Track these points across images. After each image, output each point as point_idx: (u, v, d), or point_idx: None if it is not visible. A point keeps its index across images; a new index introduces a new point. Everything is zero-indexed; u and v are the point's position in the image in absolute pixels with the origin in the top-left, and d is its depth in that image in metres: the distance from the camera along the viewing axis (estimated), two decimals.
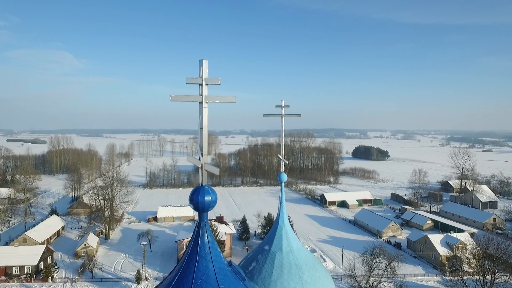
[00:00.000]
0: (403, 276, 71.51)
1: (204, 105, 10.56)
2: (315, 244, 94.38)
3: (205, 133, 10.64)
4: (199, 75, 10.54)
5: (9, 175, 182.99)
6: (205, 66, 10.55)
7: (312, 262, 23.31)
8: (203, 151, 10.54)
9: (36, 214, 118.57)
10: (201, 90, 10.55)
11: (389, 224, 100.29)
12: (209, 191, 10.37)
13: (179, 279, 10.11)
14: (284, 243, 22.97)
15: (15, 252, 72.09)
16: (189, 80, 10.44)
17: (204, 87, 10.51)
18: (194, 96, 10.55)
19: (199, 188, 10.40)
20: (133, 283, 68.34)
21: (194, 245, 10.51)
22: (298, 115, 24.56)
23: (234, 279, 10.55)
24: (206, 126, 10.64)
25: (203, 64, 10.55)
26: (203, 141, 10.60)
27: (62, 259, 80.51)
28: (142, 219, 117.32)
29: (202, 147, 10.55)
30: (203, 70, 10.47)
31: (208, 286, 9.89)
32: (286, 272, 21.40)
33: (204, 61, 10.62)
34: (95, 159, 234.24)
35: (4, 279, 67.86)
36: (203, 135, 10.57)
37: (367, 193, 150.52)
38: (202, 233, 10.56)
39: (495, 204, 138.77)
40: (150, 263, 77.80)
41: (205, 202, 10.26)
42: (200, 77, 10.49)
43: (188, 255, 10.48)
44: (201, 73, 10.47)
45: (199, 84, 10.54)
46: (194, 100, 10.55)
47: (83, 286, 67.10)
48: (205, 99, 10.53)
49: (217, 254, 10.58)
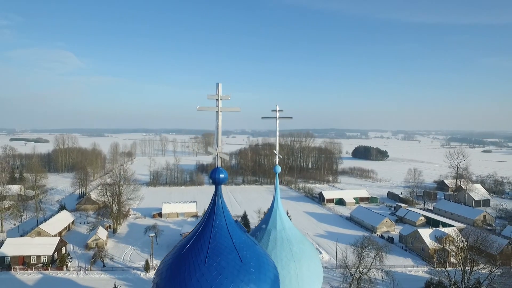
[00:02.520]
0: (394, 267, 76.84)
1: (219, 113, 15.70)
2: (312, 238, 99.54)
3: (220, 132, 15.77)
4: (215, 92, 15.68)
5: (17, 173, 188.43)
6: (220, 87, 15.69)
7: (300, 238, 28.67)
8: (218, 144, 15.67)
9: (46, 210, 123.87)
10: (217, 103, 15.69)
11: (383, 220, 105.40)
12: (222, 171, 15.52)
13: (203, 229, 15.27)
14: (278, 222, 28.24)
15: (31, 242, 77.44)
16: (210, 96, 15.58)
17: (219, 101, 15.65)
18: (214, 108, 15.70)
19: (216, 169, 15.54)
20: (141, 272, 73.62)
21: (212, 207, 15.68)
22: (289, 117, 29.85)
23: (239, 230, 15.70)
24: (220, 127, 15.78)
25: (219, 86, 15.69)
26: (219, 137, 15.73)
27: (74, 251, 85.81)
28: (147, 215, 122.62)
29: (218, 141, 15.68)
30: (219, 90, 15.62)
31: (222, 234, 15.04)
32: (279, 246, 26.70)
33: (219, 83, 15.77)
34: (99, 158, 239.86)
35: (23, 267, 73.14)
36: (218, 134, 15.70)
37: (364, 191, 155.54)
38: (218, 198, 15.72)
39: (487, 202, 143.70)
40: (156, 254, 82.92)
41: (220, 178, 15.42)
42: (216, 94, 15.63)
43: (208, 213, 15.63)
44: (217, 92, 15.61)
45: (215, 99, 15.68)
46: (213, 110, 15.69)
47: (95, 274, 72.35)
48: (220, 109, 15.67)
49: (227, 213, 15.73)
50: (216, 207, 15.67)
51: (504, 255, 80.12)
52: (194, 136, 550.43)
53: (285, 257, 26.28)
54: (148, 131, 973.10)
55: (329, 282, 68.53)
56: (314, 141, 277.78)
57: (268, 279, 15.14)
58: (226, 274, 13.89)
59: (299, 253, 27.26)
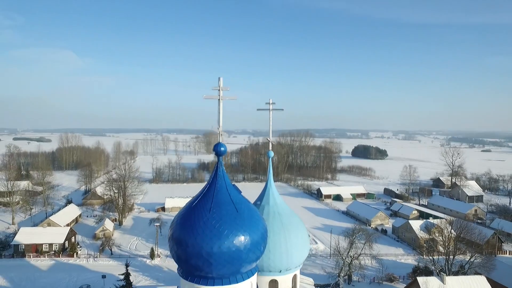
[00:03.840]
0: (385, 255, 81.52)
1: (220, 101, 20.30)
2: (309, 230, 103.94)
3: (221, 117, 20.37)
4: (217, 84, 20.30)
5: (24, 171, 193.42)
6: (221, 80, 20.30)
7: (289, 212, 33.50)
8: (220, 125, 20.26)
9: (53, 204, 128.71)
10: (219, 93, 20.28)
11: (377, 213, 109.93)
12: (223, 145, 20.11)
13: (208, 188, 19.87)
14: (271, 199, 33.05)
15: (44, 232, 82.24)
16: (213, 88, 20.19)
17: (221, 91, 20.25)
18: (216, 96, 20.31)
19: (218, 143, 20.15)
20: (147, 259, 78.32)
21: (215, 172, 20.29)
22: (281, 109, 34.57)
23: (235, 191, 20.33)
24: (221, 112, 20.38)
25: (220, 79, 20.31)
26: (220, 120, 20.31)
27: (83, 241, 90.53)
28: (151, 209, 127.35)
29: (220, 123, 20.26)
30: (220, 83, 20.23)
31: (222, 191, 19.64)
32: (271, 218, 31.47)
33: (220, 78, 20.38)
34: (103, 156, 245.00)
35: (36, 254, 77.89)
36: (220, 117, 20.29)
37: (360, 187, 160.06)
38: (219, 166, 20.32)
39: (480, 198, 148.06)
40: (161, 244, 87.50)
41: (221, 150, 20.03)
42: (218, 85, 20.25)
43: (212, 177, 20.24)
44: (219, 84, 20.22)
45: (218, 89, 20.28)
46: (216, 98, 20.27)
47: (104, 261, 77.08)
48: (221, 98, 20.28)
49: (226, 177, 20.33)
50: (218, 172, 20.33)
51: (490, 244, 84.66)
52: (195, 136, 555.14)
53: (276, 227, 31.12)
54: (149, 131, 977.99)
55: (324, 268, 73.08)
56: (313, 140, 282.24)
57: (258, 225, 19.81)
58: (225, 220, 18.55)
59: (288, 224, 32.12)
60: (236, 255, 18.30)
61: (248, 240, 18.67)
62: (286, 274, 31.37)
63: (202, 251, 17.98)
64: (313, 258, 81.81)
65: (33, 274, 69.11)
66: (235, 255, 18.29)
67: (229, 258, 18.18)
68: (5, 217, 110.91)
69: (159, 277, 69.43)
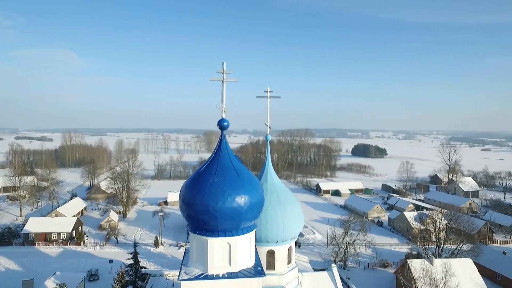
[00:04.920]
0: (381, 244, 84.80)
1: (224, 83, 23.60)
2: (308, 222, 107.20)
3: (224, 97, 23.66)
4: (221, 68, 23.63)
5: (28, 168, 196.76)
6: (224, 65, 23.61)
7: (286, 190, 36.93)
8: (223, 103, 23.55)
9: (58, 198, 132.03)
10: (223, 76, 23.58)
11: (374, 206, 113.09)
12: (226, 120, 23.44)
13: (213, 157, 23.20)
14: (269, 178, 36.45)
15: (52, 221, 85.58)
16: (218, 71, 23.51)
17: (224, 74, 23.56)
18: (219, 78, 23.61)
19: (221, 119, 23.47)
20: (152, 247, 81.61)
21: (219, 144, 23.59)
22: (278, 97, 37.94)
23: (237, 159, 23.65)
24: (225, 93, 23.67)
25: (223, 64, 23.63)
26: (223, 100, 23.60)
27: (89, 231, 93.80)
28: (153, 203, 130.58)
29: (223, 101, 23.55)
30: (224, 67, 23.54)
31: (225, 159, 22.94)
32: (269, 194, 34.85)
33: (224, 62, 23.70)
34: (105, 154, 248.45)
35: (45, 243, 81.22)
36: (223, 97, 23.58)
37: (359, 183, 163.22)
38: (223, 139, 23.63)
39: (476, 193, 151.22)
40: (164, 234, 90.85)
41: (224, 125, 23.38)
42: (222, 69, 23.57)
43: (217, 148, 23.54)
44: (223, 68, 23.55)
45: (221, 73, 23.59)
46: (219, 80, 23.57)
47: (110, 248, 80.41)
48: (224, 80, 23.60)
49: (229, 148, 23.64)
50: (222, 144, 23.70)
51: (482, 234, 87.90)
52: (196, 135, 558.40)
53: (273, 202, 34.59)
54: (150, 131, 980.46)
55: (322, 255, 76.38)
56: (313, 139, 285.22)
57: (256, 189, 23.17)
58: (228, 181, 21.92)
59: (284, 200, 35.61)
60: (237, 211, 21.65)
61: (247, 200, 22.00)
62: (282, 245, 34.86)
63: (209, 207, 21.33)
64: (311, 247, 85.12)
65: (43, 260, 72.44)
66: (236, 211, 21.64)
67: (231, 213, 21.53)
68: (13, 210, 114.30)
69: (163, 263, 72.73)
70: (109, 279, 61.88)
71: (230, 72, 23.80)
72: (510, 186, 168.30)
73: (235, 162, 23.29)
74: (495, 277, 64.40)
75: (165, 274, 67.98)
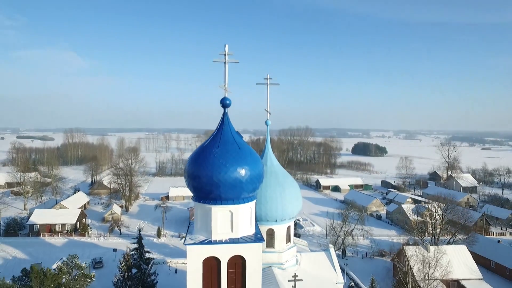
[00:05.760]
0: (379, 235, 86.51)
1: (226, 64, 25.31)
2: (308, 216, 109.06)
3: (226, 76, 25.35)
4: (223, 51, 25.33)
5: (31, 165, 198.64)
6: (227, 47, 25.32)
7: (285, 173, 38.72)
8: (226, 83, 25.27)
9: (62, 193, 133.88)
10: (225, 58, 25.29)
11: (373, 200, 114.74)
12: (228, 98, 25.15)
13: (217, 132, 24.91)
14: (268, 160, 38.14)
15: (56, 213, 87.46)
16: (220, 53, 25.19)
17: (226, 56, 25.26)
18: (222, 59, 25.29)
19: (224, 97, 25.17)
20: (154, 238, 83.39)
21: (222, 120, 25.31)
22: (277, 84, 39.60)
23: (238, 135, 25.35)
24: (227, 73, 25.38)
25: (226, 46, 25.34)
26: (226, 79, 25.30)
27: (93, 223, 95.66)
28: (155, 198, 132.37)
29: (225, 80, 25.25)
30: (226, 49, 25.25)
31: (228, 134, 24.65)
32: (269, 175, 36.58)
33: (226, 45, 25.41)
34: (107, 152, 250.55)
35: (50, 234, 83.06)
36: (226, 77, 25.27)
37: (358, 179, 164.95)
38: (225, 116, 25.34)
39: (474, 189, 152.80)
40: (166, 226, 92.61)
41: (226, 102, 25.09)
42: (224, 50, 25.27)
43: (219, 125, 25.25)
44: (225, 50, 25.25)
45: (224, 54, 25.29)
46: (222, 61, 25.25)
47: (114, 239, 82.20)
48: (227, 61, 25.30)
49: (231, 124, 25.33)
50: (224, 120, 25.40)
51: (478, 226, 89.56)
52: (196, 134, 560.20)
53: (272, 183, 36.32)
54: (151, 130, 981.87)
55: (321, 245, 78.04)
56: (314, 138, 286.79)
57: (256, 163, 24.86)
58: (230, 153, 23.65)
59: (283, 182, 37.35)
60: (238, 181, 23.36)
61: (247, 171, 23.70)
62: (281, 224, 36.58)
63: (213, 177, 23.05)
64: (310, 238, 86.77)
65: (49, 249, 74.27)
66: (238, 181, 23.35)
67: (233, 182, 23.24)
68: (17, 204, 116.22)
69: (166, 252, 74.52)
70: (113, 266, 63.77)
71: (231, 53, 25.51)
72: (508, 182, 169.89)
73: (236, 137, 24.99)
74: (489, 265, 66.07)
75: (168, 261, 70.07)
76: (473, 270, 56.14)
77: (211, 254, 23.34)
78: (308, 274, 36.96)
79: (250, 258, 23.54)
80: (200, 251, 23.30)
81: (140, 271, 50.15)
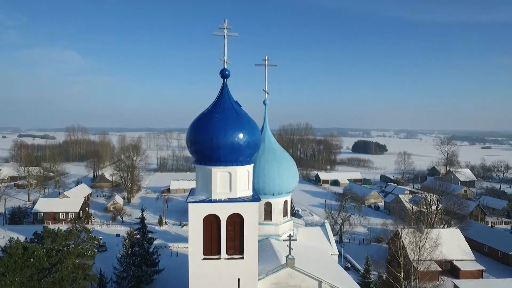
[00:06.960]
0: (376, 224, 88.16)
1: (225, 37, 27.07)
2: (306, 207, 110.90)
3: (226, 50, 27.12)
4: (223, 25, 27.10)
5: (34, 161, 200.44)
6: (226, 22, 27.08)
7: (282, 150, 40.55)
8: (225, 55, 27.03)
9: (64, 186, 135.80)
10: (224, 32, 27.05)
11: (371, 192, 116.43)
12: (227, 69, 26.94)
13: (217, 100, 26.69)
14: (266, 137, 39.95)
15: (60, 202, 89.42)
16: (220, 26, 26.97)
17: (226, 30, 27.03)
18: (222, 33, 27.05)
19: (223, 68, 26.95)
20: (156, 225, 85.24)
21: (221, 90, 27.08)
22: (274, 65, 41.37)
23: (236, 103, 27.12)
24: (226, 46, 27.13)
25: (225, 20, 27.12)
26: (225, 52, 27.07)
27: (95, 213, 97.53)
28: (157, 191, 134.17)
29: (225, 52, 27.02)
30: (225, 23, 27.02)
31: (227, 102, 26.42)
32: (267, 152, 38.41)
33: (225, 19, 27.18)
34: (108, 148, 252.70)
35: (54, 222, 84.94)
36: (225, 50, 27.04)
37: (357, 173, 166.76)
38: (225, 86, 27.11)
39: (472, 183, 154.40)
40: (167, 216, 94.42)
41: (226, 74, 26.87)
42: (224, 24, 27.03)
43: (219, 94, 27.03)
44: (224, 24, 27.02)
45: (223, 28, 27.06)
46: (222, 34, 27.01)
47: (116, 227, 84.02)
48: (226, 35, 27.05)
49: (230, 94, 27.08)
50: (223, 90, 27.17)
51: (473, 215, 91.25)
52: None
53: (270, 159, 38.10)
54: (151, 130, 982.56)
55: None
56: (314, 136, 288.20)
57: (253, 129, 26.64)
58: (229, 118, 25.46)
59: (280, 158, 39.14)
60: (237, 144, 25.15)
61: (245, 135, 25.49)
62: (278, 198, 38.41)
63: (213, 140, 24.85)
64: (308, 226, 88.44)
65: None
66: (236, 144, 25.14)
67: (232, 146, 25.03)
68: (21, 196, 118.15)
69: (168, 238, 76.34)
70: (116, 250, 65.75)
71: (231, 27, 27.26)
72: (506, 177, 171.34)
73: (234, 105, 26.76)
74: (483, 249, 67.75)
75: (169, 246, 72.09)
76: (466, 251, 57.84)
77: (211, 211, 25.10)
78: (304, 246, 38.79)
79: (248, 216, 25.29)
80: (201, 209, 25.06)
81: (143, 249, 51.96)
